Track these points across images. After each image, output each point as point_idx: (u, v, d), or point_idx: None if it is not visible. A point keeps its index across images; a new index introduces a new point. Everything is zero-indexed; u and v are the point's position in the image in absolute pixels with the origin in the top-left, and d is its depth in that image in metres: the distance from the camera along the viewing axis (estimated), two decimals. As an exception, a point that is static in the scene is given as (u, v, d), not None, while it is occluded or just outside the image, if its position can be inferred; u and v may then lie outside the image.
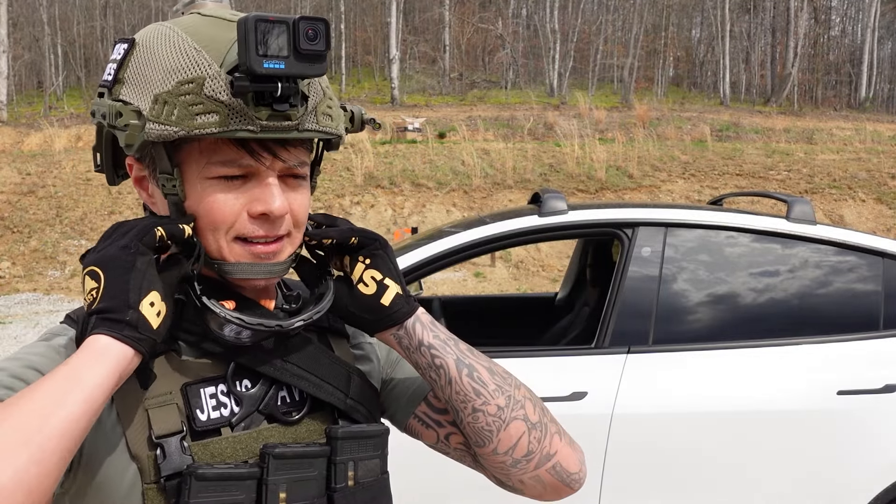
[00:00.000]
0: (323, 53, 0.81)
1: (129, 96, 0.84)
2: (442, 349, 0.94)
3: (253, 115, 0.80)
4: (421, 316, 0.95)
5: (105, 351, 0.75)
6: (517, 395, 0.96)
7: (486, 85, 26.31)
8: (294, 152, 0.87)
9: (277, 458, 0.83)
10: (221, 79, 0.80)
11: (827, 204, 12.19)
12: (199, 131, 0.80)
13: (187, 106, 0.80)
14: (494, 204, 11.77)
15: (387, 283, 0.93)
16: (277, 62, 0.78)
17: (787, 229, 2.99)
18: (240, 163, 0.84)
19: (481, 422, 0.94)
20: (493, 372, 0.96)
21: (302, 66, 0.80)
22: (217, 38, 0.83)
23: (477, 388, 0.94)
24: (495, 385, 0.95)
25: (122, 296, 0.77)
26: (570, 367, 2.80)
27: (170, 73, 0.81)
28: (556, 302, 4.23)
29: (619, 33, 29.09)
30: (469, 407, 0.94)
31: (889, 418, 2.74)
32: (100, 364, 0.74)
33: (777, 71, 27.89)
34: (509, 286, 9.89)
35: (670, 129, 16.07)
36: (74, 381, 0.72)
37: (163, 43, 0.84)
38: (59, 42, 26.23)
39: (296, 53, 0.79)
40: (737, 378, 2.79)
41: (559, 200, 3.05)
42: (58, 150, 13.56)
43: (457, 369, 0.94)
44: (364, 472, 0.90)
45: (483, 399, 0.94)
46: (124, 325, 0.76)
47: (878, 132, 16.38)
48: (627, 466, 2.73)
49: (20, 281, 10.11)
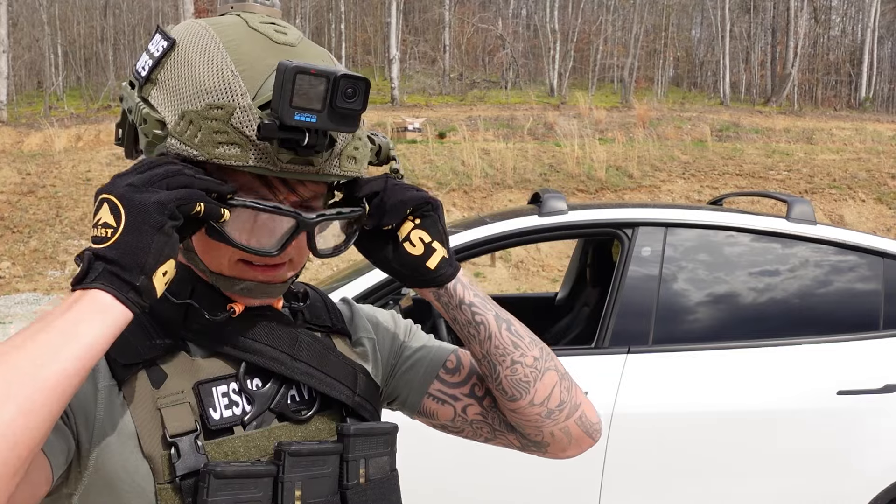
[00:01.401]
0: (358, 112, 0.79)
1: (156, 101, 0.83)
2: (482, 306, 0.96)
3: (275, 157, 0.79)
4: (461, 276, 0.96)
5: (106, 309, 0.71)
6: (544, 347, 1.01)
7: (486, 85, 26.30)
8: (311, 188, 0.86)
9: (293, 455, 0.83)
10: (251, 113, 0.79)
11: (827, 204, 12.19)
12: (218, 161, 0.79)
13: (212, 132, 0.79)
14: (494, 204, 11.77)
15: (434, 245, 0.93)
16: (310, 115, 0.76)
17: (787, 229, 2.99)
18: (256, 191, 0.83)
19: (520, 373, 0.97)
20: (524, 327, 1.00)
21: (334, 122, 0.78)
22: (257, 63, 0.81)
23: (515, 340, 0.97)
24: (530, 338, 0.99)
25: (139, 257, 0.72)
26: (570, 367, 2.78)
27: (202, 92, 0.80)
28: (556, 302, 4.23)
29: (619, 33, 29.08)
30: (508, 359, 0.96)
31: (889, 418, 2.75)
32: (98, 321, 0.71)
33: (777, 71, 27.88)
34: (509, 286, 9.89)
35: (670, 129, 16.08)
36: (71, 335, 0.69)
37: (202, 56, 0.82)
38: (59, 42, 26.23)
39: (330, 110, 0.77)
40: (737, 378, 2.79)
41: (559, 200, 3.05)
42: (58, 150, 13.56)
43: (496, 324, 0.96)
44: (375, 469, 0.90)
45: (521, 351, 0.97)
46: (131, 289, 0.72)
47: (878, 132, 16.38)
48: (627, 466, 2.73)
49: (20, 281, 10.11)
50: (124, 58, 28.03)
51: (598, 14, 29.41)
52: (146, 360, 0.84)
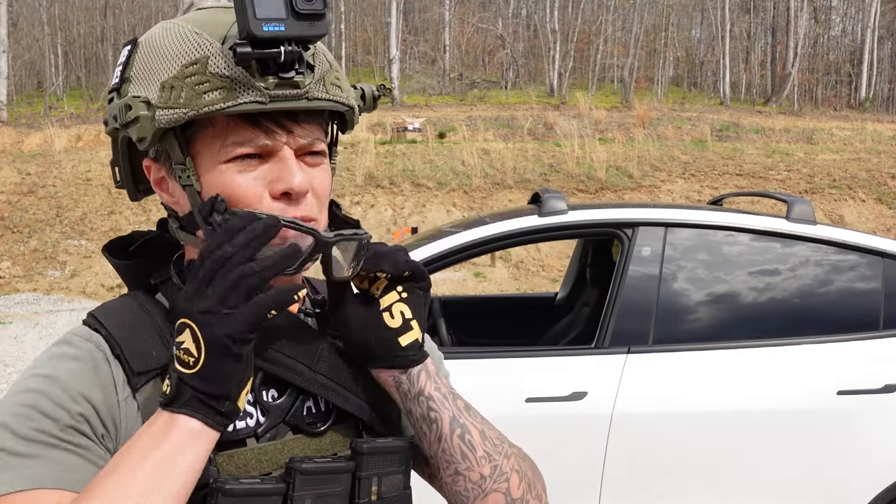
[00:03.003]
0: (322, 13, 0.79)
1: (137, 91, 0.83)
2: (440, 403, 0.89)
3: (259, 84, 0.79)
4: (428, 364, 0.91)
5: (198, 436, 0.75)
6: (504, 466, 0.91)
7: (486, 85, 26.30)
8: (308, 128, 0.84)
9: (304, 473, 0.81)
10: (224, 55, 0.79)
11: (827, 204, 12.19)
12: (208, 108, 0.78)
13: (194, 86, 0.79)
14: (494, 204, 11.77)
15: (412, 324, 0.88)
16: (277, 24, 0.76)
17: (787, 229, 2.99)
18: (255, 142, 0.82)
19: (460, 486, 0.90)
20: (485, 436, 0.91)
21: (301, 25, 0.78)
22: (217, 20, 0.83)
23: (465, 451, 0.89)
24: (484, 451, 0.90)
25: (224, 385, 0.76)
26: (570, 367, 2.80)
27: (173, 58, 0.81)
28: (556, 302, 4.23)
29: (619, 33, 29.09)
30: (452, 468, 0.90)
31: (889, 418, 2.74)
32: (192, 449, 0.74)
33: (777, 71, 27.88)
34: (509, 286, 9.89)
35: (670, 129, 16.08)
36: (170, 465, 0.73)
37: (165, 34, 0.84)
38: (59, 42, 26.23)
39: (294, 14, 0.77)
40: (737, 378, 2.79)
41: (559, 200, 3.05)
42: (58, 150, 13.57)
43: (450, 427, 0.89)
44: (387, 487, 0.87)
45: (468, 464, 0.90)
46: (218, 414, 0.76)
47: (878, 132, 16.39)
48: (627, 466, 2.73)
49: (20, 281, 10.11)
50: (124, 58, 27.98)
51: (598, 14, 29.41)
52: (161, 368, 0.83)
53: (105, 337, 0.84)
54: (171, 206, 0.89)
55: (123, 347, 0.83)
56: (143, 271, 0.94)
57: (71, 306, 9.16)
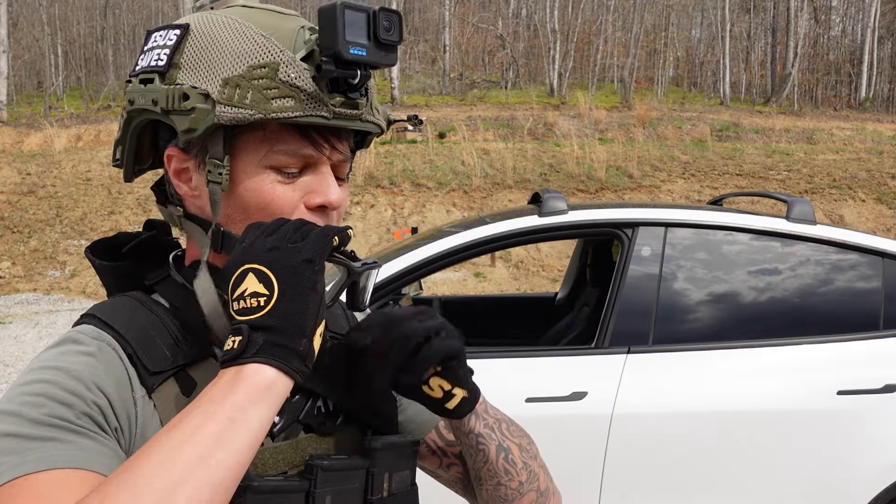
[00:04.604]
0: (397, 44, 0.83)
1: (190, 80, 0.81)
2: (487, 437, 0.96)
3: (328, 101, 0.81)
4: (477, 407, 0.94)
5: (272, 386, 0.70)
6: (535, 468, 1.02)
7: (486, 85, 26.29)
8: (345, 146, 0.87)
9: (325, 470, 0.82)
10: (297, 65, 0.80)
11: (827, 204, 12.19)
12: (275, 115, 0.79)
13: (262, 90, 0.79)
14: (494, 204, 11.77)
15: (454, 392, 0.90)
16: (360, 49, 0.80)
17: (787, 229, 2.99)
18: (302, 152, 0.83)
19: (501, 493, 0.99)
20: (522, 449, 1.00)
21: (379, 53, 0.82)
22: (280, 27, 0.83)
23: (508, 468, 0.98)
24: (522, 463, 1.00)
25: (299, 320, 0.72)
26: (570, 367, 2.80)
27: (239, 56, 0.80)
28: (556, 302, 4.23)
29: (619, 33, 29.08)
30: (495, 481, 0.98)
31: (889, 418, 2.74)
32: (265, 403, 0.69)
33: (777, 71, 27.87)
34: (509, 286, 9.90)
35: (670, 129, 16.08)
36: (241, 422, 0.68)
37: (223, 28, 0.82)
38: (59, 42, 26.22)
39: (376, 41, 0.81)
40: (737, 378, 2.79)
41: (559, 200, 3.05)
42: (58, 150, 13.56)
43: (495, 454, 0.97)
44: (398, 483, 0.90)
45: (510, 476, 0.98)
46: (295, 356, 0.71)
47: (878, 132, 16.39)
48: (627, 466, 2.73)
49: (20, 281, 10.11)
50: (124, 58, 28.02)
51: (598, 14, 29.41)
52: (174, 368, 0.82)
53: (115, 336, 0.81)
54: (184, 197, 0.88)
55: (135, 346, 0.81)
56: (134, 273, 0.92)
57: (71, 306, 9.16)
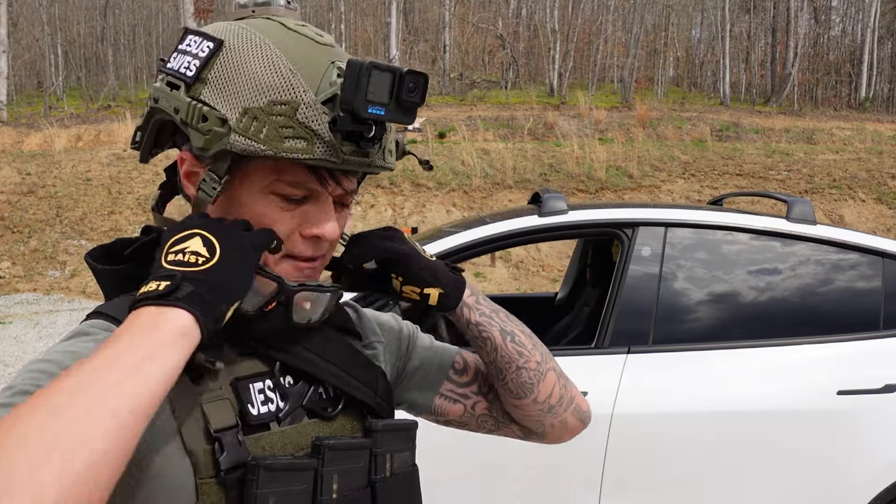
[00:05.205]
0: (417, 105, 0.86)
1: (212, 100, 0.84)
2: (488, 324, 1.05)
3: (339, 148, 0.84)
4: (467, 299, 1.04)
5: (187, 332, 0.73)
6: (544, 350, 1.10)
7: (486, 85, 26.28)
8: (352, 182, 0.91)
9: (332, 449, 0.87)
10: (317, 108, 0.83)
11: (827, 204, 12.19)
12: (286, 154, 0.82)
13: (278, 127, 0.82)
14: (494, 204, 11.77)
15: (427, 291, 1.00)
16: (379, 108, 0.82)
17: (787, 229, 2.99)
18: (307, 186, 0.87)
19: (524, 377, 1.06)
20: (526, 334, 1.09)
21: (398, 113, 0.84)
22: (311, 61, 0.85)
23: (519, 349, 1.06)
24: (532, 344, 1.08)
25: (228, 288, 0.77)
26: (570, 367, 2.78)
27: (262, 89, 0.83)
28: (556, 302, 4.23)
29: (619, 33, 29.07)
30: (513, 366, 1.06)
31: (889, 418, 2.75)
32: (179, 345, 0.72)
33: (777, 71, 27.86)
34: (509, 286, 9.89)
35: (670, 129, 16.08)
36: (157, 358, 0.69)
37: (255, 54, 0.84)
38: (59, 42, 26.23)
39: (396, 103, 0.84)
40: (737, 378, 2.79)
41: (559, 200, 3.05)
42: (58, 150, 13.56)
43: (501, 338, 1.05)
44: (399, 463, 0.95)
45: (525, 358, 1.06)
46: (212, 317, 0.75)
47: (878, 132, 16.38)
48: (627, 466, 2.73)
49: (20, 281, 10.11)
50: (124, 58, 28.03)
51: (598, 14, 29.39)
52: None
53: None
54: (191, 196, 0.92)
55: None
56: (134, 276, 0.92)
57: (71, 306, 9.16)
